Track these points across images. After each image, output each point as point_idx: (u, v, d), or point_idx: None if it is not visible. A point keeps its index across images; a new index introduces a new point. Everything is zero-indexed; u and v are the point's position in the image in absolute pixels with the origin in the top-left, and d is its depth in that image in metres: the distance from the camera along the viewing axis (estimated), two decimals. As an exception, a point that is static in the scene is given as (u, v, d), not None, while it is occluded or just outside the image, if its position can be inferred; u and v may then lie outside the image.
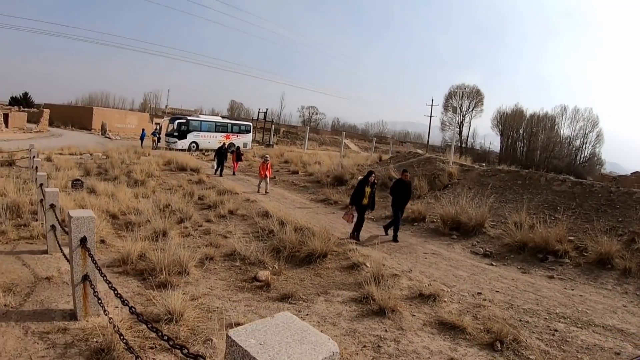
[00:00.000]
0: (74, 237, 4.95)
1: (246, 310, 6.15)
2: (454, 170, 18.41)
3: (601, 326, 6.54)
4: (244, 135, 45.14)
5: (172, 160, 25.34)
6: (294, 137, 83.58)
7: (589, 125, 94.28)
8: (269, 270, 7.98)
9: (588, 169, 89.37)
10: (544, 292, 8.05)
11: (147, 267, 7.37)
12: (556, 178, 15.23)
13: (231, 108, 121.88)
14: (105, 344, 4.43)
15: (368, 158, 31.15)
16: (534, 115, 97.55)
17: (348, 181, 20.84)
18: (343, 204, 16.70)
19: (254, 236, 10.77)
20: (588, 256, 10.00)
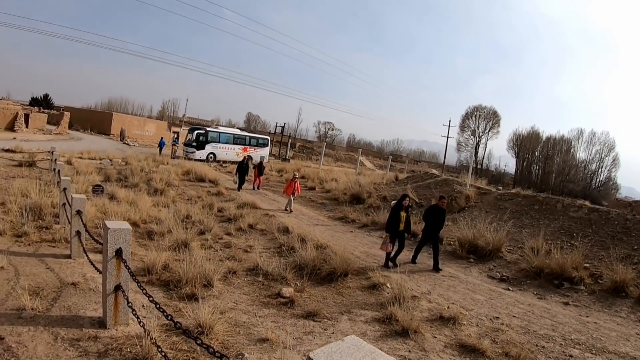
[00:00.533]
0: (109, 248, 5.09)
1: (273, 327, 6.31)
2: (471, 193, 18.60)
3: (614, 353, 6.76)
4: (261, 149, 45.46)
5: (191, 170, 25.49)
6: (309, 152, 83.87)
7: (605, 149, 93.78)
8: (292, 287, 8.15)
9: (603, 193, 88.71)
10: (560, 318, 8.23)
11: (172, 278, 7.56)
12: (573, 204, 15.38)
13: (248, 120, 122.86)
14: (142, 354, 4.59)
15: (384, 177, 31.23)
16: (550, 138, 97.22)
17: (365, 200, 20.98)
18: (360, 222, 17.00)
19: (275, 251, 10.99)
20: (603, 284, 10.20)
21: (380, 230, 15.63)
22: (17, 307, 5.48)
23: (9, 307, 5.49)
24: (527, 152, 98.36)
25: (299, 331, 6.32)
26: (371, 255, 11.65)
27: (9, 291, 5.98)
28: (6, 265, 6.94)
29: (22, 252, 8.00)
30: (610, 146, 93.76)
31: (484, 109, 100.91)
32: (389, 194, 21.35)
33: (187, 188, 20.84)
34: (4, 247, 8.05)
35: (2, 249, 7.74)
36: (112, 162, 27.39)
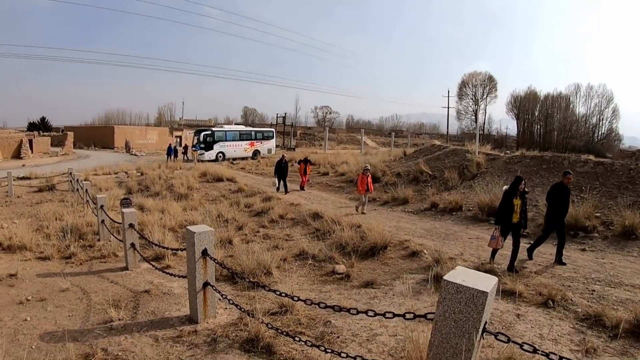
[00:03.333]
0: (196, 250, 5.61)
1: (341, 298, 7.21)
2: (481, 159, 19.40)
3: (631, 285, 7.84)
4: (267, 142, 46.21)
5: (206, 172, 25.81)
6: (311, 138, 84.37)
7: (604, 102, 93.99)
8: (342, 264, 8.97)
9: (606, 145, 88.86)
10: (579, 263, 9.35)
11: (234, 272, 8.37)
12: (578, 160, 16.39)
13: (245, 114, 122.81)
14: (253, 333, 5.19)
15: (390, 153, 32.02)
16: (548, 96, 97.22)
17: (380, 178, 21.62)
18: (381, 200, 17.88)
19: (313, 236, 11.75)
20: (614, 229, 11.31)
21: (403, 205, 16.63)
22: (103, 320, 5.90)
23: (95, 322, 5.88)
24: (526, 113, 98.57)
25: (365, 298, 7.21)
26: (400, 229, 12.35)
27: (86, 309, 6.41)
28: (70, 287, 7.34)
29: (78, 272, 8.45)
30: (608, 98, 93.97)
31: (479, 75, 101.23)
32: (402, 170, 22.11)
33: (207, 189, 21.35)
34: (57, 270, 8.46)
35: (57, 272, 8.19)
36: (127, 174, 28.01)
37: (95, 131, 69.73)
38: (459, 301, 3.15)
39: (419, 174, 20.30)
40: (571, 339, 5.66)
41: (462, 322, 3.16)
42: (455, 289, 3.17)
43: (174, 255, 9.34)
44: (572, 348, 5.41)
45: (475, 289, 3.10)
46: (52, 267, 8.73)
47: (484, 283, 3.21)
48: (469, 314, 3.13)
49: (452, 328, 3.21)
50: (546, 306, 6.69)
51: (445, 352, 3.27)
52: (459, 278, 3.26)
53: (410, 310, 5.84)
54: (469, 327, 3.14)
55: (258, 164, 35.24)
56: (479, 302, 3.09)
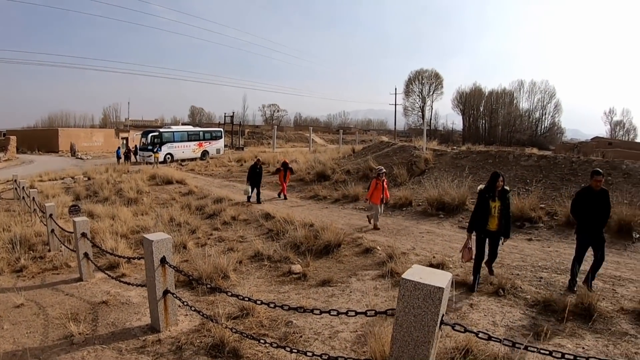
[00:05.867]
0: (155, 258, 5.56)
1: (299, 297, 7.28)
2: (428, 155, 19.80)
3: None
4: (216, 142, 45.74)
5: (155, 174, 25.47)
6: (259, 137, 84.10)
7: (547, 97, 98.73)
8: (298, 264, 9.07)
9: (550, 138, 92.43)
10: (527, 252, 9.71)
11: (193, 277, 8.36)
12: (523, 154, 17.12)
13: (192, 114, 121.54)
14: (218, 339, 5.23)
15: (339, 151, 32.13)
16: (493, 92, 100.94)
17: (330, 176, 21.83)
18: (332, 198, 17.95)
19: (267, 237, 11.78)
20: (558, 219, 11.79)
21: (354, 202, 16.80)
22: (64, 335, 5.77)
23: (55, 338, 5.74)
24: (472, 108, 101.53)
25: (323, 296, 7.31)
26: (352, 226, 12.50)
27: (44, 324, 6.24)
28: (25, 302, 7.13)
29: (31, 286, 8.22)
30: (551, 93, 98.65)
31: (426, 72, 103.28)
32: (352, 167, 22.39)
33: (158, 192, 21.07)
34: (9, 284, 8.28)
35: (9, 287, 7.96)
36: (74, 179, 27.42)
37: (39, 134, 67.44)
38: (417, 297, 3.35)
39: (368, 171, 20.48)
40: (522, 324, 5.92)
41: (421, 316, 3.36)
42: (413, 286, 3.36)
43: (128, 263, 9.25)
44: (523, 333, 5.66)
45: (432, 285, 3.30)
46: (3, 282, 8.58)
47: (439, 279, 3.41)
48: (427, 309, 3.33)
49: (412, 322, 3.40)
50: (497, 295, 6.95)
51: (408, 345, 3.46)
52: (416, 276, 3.45)
53: (369, 306, 6.01)
54: (428, 320, 3.34)
55: (207, 165, 34.78)
56: (436, 297, 3.30)
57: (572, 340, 5.54)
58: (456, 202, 13.72)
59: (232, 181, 25.41)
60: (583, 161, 15.33)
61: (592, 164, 14.71)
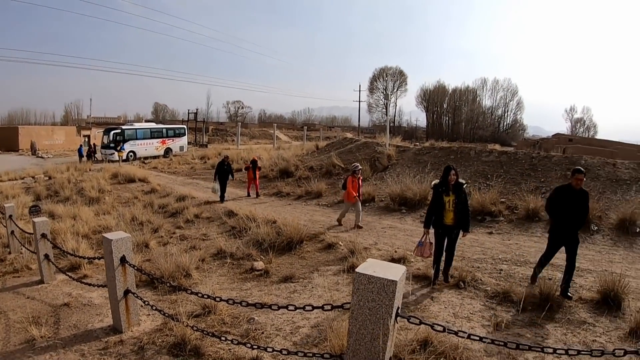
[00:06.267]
0: (114, 258, 5.46)
1: (261, 294, 7.25)
2: (391, 152, 19.92)
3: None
4: (179, 139, 45.15)
5: (117, 172, 25.02)
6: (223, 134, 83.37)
7: (509, 95, 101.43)
8: (261, 261, 9.03)
9: (512, 135, 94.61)
10: (487, 245, 9.87)
11: (154, 276, 8.23)
12: (484, 150, 17.40)
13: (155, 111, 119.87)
14: (179, 337, 5.20)
15: (303, 147, 32.16)
16: (456, 90, 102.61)
17: (294, 173, 21.85)
18: (295, 195, 17.97)
19: (229, 234, 11.71)
20: (518, 213, 12.03)
21: (317, 199, 16.86)
22: (25, 339, 5.64)
23: (17, 342, 5.62)
24: (435, 105, 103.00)
25: (285, 292, 7.30)
26: (315, 222, 12.53)
27: (5, 329, 6.11)
28: None
29: None
30: (513, 91, 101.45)
31: (390, 70, 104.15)
32: (315, 164, 22.39)
33: (120, 191, 20.76)
34: None
35: None
36: (35, 179, 26.79)
37: (-2, 132, 65.65)
38: (371, 290, 3.40)
39: (331, 168, 20.55)
40: (482, 315, 6.01)
41: (376, 309, 3.40)
42: (367, 279, 3.41)
43: (90, 264, 9.11)
44: (483, 324, 5.75)
45: (385, 278, 3.35)
46: (-37, 287, 8.32)
47: (393, 272, 3.48)
48: (381, 302, 3.38)
49: (367, 315, 3.43)
50: (458, 287, 7.04)
51: (364, 338, 3.48)
52: (370, 269, 3.50)
53: (329, 301, 6.00)
54: (382, 313, 3.38)
55: (170, 163, 34.51)
56: (390, 290, 3.34)
57: (532, 330, 5.64)
58: (418, 198, 13.88)
59: (196, 179, 25.26)
60: (543, 157, 15.63)
61: (551, 160, 15.04)
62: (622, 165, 14.03)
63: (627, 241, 10.20)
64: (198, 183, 23.20)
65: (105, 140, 40.10)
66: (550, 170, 14.48)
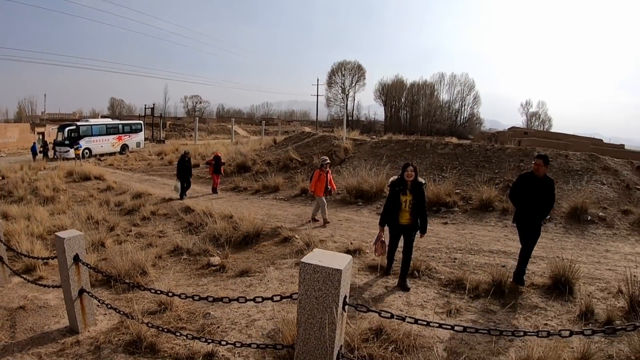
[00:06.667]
0: (67, 256, 5.35)
1: (217, 289, 7.27)
2: (348, 145, 20.09)
3: (489, 251, 8.62)
4: (135, 135, 44.32)
5: (72, 170, 24.41)
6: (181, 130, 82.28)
7: (466, 89, 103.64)
8: (217, 256, 9.03)
9: (469, 128, 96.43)
10: (442, 235, 10.04)
11: (110, 275, 8.08)
12: (440, 143, 17.69)
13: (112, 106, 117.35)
14: (135, 335, 5.16)
15: (261, 142, 31.99)
16: (415, 84, 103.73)
17: (251, 167, 21.69)
18: (253, 189, 17.94)
19: (186, 230, 11.64)
20: (473, 203, 12.29)
21: (274, 193, 16.93)
22: None
23: None
24: (393, 100, 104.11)
25: (242, 287, 7.31)
26: (272, 216, 12.50)
27: None
28: None
29: None
30: (470, 86, 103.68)
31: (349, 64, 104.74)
32: (272, 158, 22.28)
33: (75, 190, 20.29)
34: None
35: None
36: (-13, 180, 25.94)
37: (-52, 131, 63.57)
38: (317, 280, 3.49)
39: (289, 162, 20.58)
40: (436, 303, 6.13)
41: (322, 298, 3.48)
42: (312, 269, 3.51)
43: (45, 265, 8.93)
44: (437, 311, 5.87)
45: (330, 267, 3.43)
46: None
47: (338, 262, 3.55)
48: (327, 291, 3.46)
49: (314, 305, 3.51)
50: (412, 276, 7.16)
51: (312, 327, 3.54)
52: (315, 259, 3.60)
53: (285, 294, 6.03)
54: (329, 302, 3.46)
55: (127, 159, 33.79)
56: (335, 279, 3.43)
57: (484, 316, 5.79)
58: (374, 190, 14.02)
59: (152, 175, 24.93)
60: (497, 149, 16.01)
61: (505, 152, 15.41)
62: (574, 156, 14.50)
63: (578, 229, 10.55)
64: (155, 180, 22.92)
65: (59, 137, 39.03)
66: (504, 162, 14.84)
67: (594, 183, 12.80)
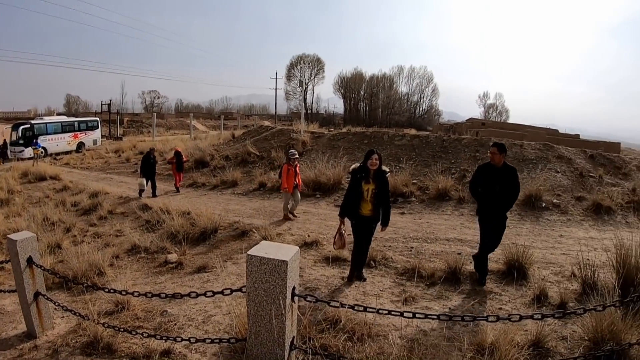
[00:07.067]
0: (21, 259, 5.19)
1: (174, 286, 7.23)
2: (306, 138, 20.23)
3: (445, 239, 8.79)
4: (92, 132, 43.27)
5: (27, 171, 23.93)
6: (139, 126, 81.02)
7: (425, 82, 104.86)
8: (175, 253, 9.00)
9: (427, 120, 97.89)
10: (399, 225, 10.14)
11: (66, 277, 7.74)
12: (397, 134, 17.97)
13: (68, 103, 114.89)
14: (93, 337, 5.08)
15: (220, 137, 31.66)
16: (374, 77, 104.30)
17: (209, 163, 21.68)
18: (211, 185, 17.89)
19: (144, 229, 11.58)
20: (430, 193, 12.51)
21: (232, 188, 16.91)
22: None
23: None
24: (353, 92, 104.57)
25: (199, 283, 7.29)
26: (230, 211, 12.52)
27: None
28: None
29: None
30: (429, 78, 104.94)
31: (307, 57, 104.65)
32: (231, 153, 22.30)
33: (30, 190, 19.97)
34: None
35: None
36: (-62, 183, 25.23)
37: None
38: (264, 272, 3.50)
39: (247, 156, 20.58)
40: (392, 291, 6.20)
41: (270, 290, 3.50)
42: (259, 261, 3.51)
43: (2, 270, 8.75)
44: (392, 299, 5.93)
45: (276, 259, 3.45)
46: None
47: (284, 253, 3.57)
48: (275, 282, 3.49)
49: (263, 297, 3.53)
50: (369, 267, 7.22)
51: (262, 319, 3.56)
52: (262, 251, 3.60)
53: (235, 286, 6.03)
54: (277, 293, 3.48)
55: (83, 158, 33.09)
56: (282, 270, 3.44)
57: (440, 302, 5.87)
58: (332, 182, 14.13)
59: (110, 173, 24.62)
60: (453, 139, 16.31)
61: (461, 142, 15.70)
62: (528, 146, 14.88)
63: (533, 215, 10.84)
64: (112, 178, 22.65)
65: (14, 136, 37.74)
66: (460, 152, 15.16)
67: (548, 171, 13.15)
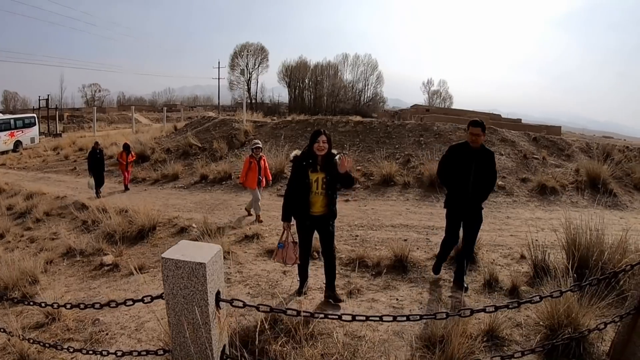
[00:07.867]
0: None
1: (109, 291, 6.84)
2: (248, 128, 20.04)
3: (391, 226, 8.67)
4: (29, 130, 41.40)
5: None
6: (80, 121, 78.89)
7: (370, 69, 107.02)
8: (110, 254, 8.59)
9: (372, 107, 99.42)
10: (343, 212, 9.82)
11: None
12: (340, 121, 18.00)
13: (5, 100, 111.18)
14: (19, 353, 4.76)
15: (162, 129, 31.33)
16: (318, 65, 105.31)
17: (150, 156, 21.26)
18: (151, 179, 17.49)
19: (80, 229, 11.08)
20: (374, 179, 12.46)
21: (173, 181, 16.57)
22: None
23: None
24: (297, 81, 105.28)
25: (134, 285, 6.96)
26: (170, 206, 12.23)
27: None
28: None
29: None
30: (373, 66, 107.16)
31: (251, 46, 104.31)
32: (172, 145, 21.93)
33: (-41, 194, 18.86)
34: None
35: None
36: None
37: None
38: (181, 276, 3.13)
39: (188, 148, 20.31)
40: (336, 284, 5.87)
41: (190, 296, 3.14)
42: (174, 264, 3.13)
43: None
44: (337, 292, 5.63)
45: (193, 261, 3.08)
46: None
47: (203, 254, 3.20)
48: (194, 288, 3.12)
49: (183, 304, 3.17)
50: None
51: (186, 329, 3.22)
52: (178, 253, 3.22)
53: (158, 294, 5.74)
54: (198, 300, 3.13)
55: (21, 157, 31.86)
56: (200, 274, 3.08)
57: (387, 293, 5.68)
58: (274, 172, 13.65)
59: (47, 172, 23.71)
60: (397, 125, 16.40)
61: (405, 127, 15.75)
62: (473, 129, 14.88)
63: (479, 198, 10.77)
64: (50, 177, 21.84)
65: None
66: (404, 137, 15.21)
67: (493, 154, 13.16)
